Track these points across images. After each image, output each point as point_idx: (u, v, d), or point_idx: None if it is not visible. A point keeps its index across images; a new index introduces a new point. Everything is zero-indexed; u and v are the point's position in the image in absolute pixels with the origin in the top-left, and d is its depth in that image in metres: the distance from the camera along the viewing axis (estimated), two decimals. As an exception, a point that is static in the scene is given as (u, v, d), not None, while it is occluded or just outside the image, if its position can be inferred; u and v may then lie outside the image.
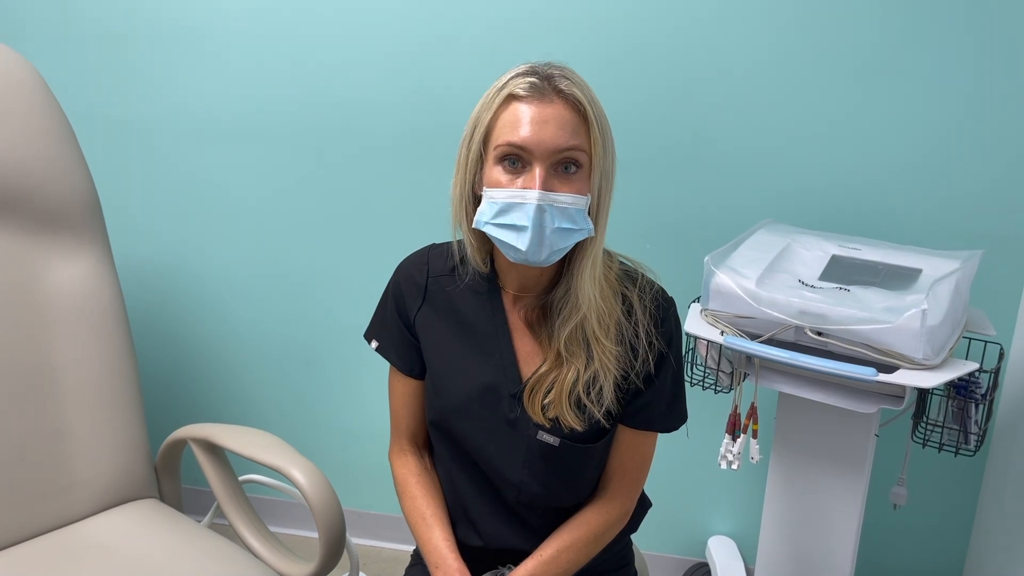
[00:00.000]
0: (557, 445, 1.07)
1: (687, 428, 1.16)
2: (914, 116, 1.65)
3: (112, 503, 1.47)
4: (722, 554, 1.91)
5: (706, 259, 1.42)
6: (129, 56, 1.92)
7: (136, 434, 1.50)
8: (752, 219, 1.69)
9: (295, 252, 2.00)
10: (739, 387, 1.46)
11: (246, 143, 1.93)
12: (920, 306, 1.23)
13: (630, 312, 1.06)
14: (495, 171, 0.98)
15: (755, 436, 1.44)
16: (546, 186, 0.95)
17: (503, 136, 0.96)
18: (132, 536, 1.40)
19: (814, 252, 1.48)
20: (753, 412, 1.44)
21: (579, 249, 1.02)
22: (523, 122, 0.95)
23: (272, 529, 1.48)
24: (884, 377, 1.24)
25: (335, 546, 1.28)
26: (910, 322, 1.23)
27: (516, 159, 0.96)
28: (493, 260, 1.10)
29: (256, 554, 1.39)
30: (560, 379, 1.04)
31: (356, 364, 2.02)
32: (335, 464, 2.04)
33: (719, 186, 1.76)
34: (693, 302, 1.53)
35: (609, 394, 1.05)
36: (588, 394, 1.04)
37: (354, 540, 2.14)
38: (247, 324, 2.07)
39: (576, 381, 1.04)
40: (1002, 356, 1.43)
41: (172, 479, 1.56)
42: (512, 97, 0.96)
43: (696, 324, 1.43)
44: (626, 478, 1.13)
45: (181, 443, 1.50)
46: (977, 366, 1.30)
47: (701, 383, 1.52)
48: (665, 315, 1.08)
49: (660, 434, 1.14)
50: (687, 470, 1.94)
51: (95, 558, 1.34)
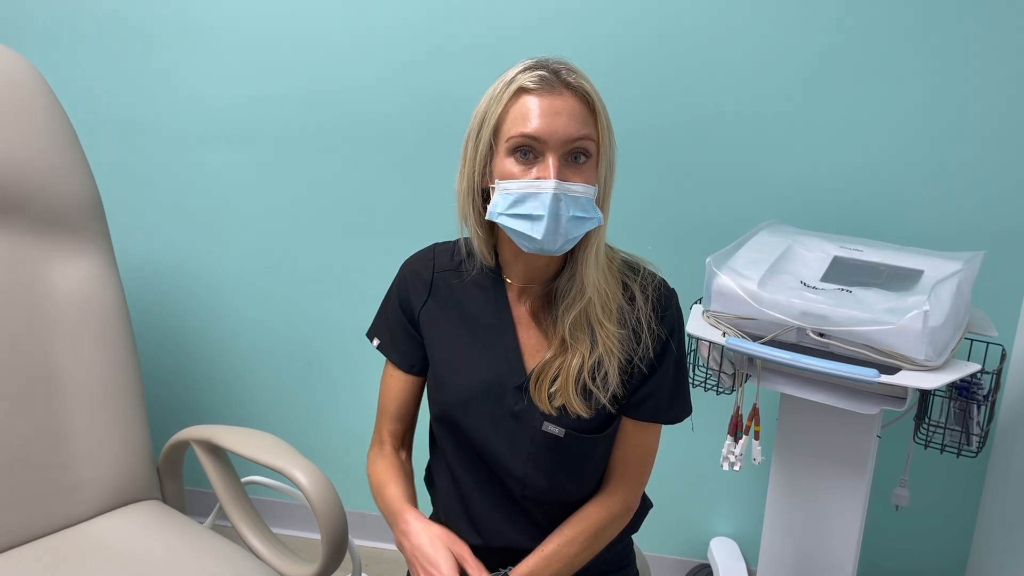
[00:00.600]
0: (562, 436, 1.08)
1: (692, 422, 1.16)
2: (916, 117, 1.65)
3: (115, 504, 1.47)
4: (724, 555, 1.91)
5: (708, 260, 1.43)
6: (131, 57, 1.92)
7: (139, 435, 1.50)
8: (754, 220, 1.69)
9: (297, 253, 2.00)
10: (741, 388, 1.46)
11: (248, 144, 1.93)
12: (922, 307, 1.23)
13: (632, 300, 1.08)
14: (507, 163, 0.99)
15: (757, 437, 1.45)
16: (560, 175, 0.97)
17: (515, 128, 0.98)
18: (135, 537, 1.40)
19: (816, 253, 1.48)
20: (755, 413, 1.44)
21: (584, 237, 1.03)
22: (535, 114, 0.97)
23: (274, 530, 1.48)
24: (886, 378, 1.24)
25: (337, 547, 1.28)
26: (912, 323, 1.23)
27: (529, 150, 0.98)
28: (498, 253, 1.11)
29: (258, 555, 1.39)
30: (566, 366, 1.05)
31: (358, 365, 2.02)
32: (337, 465, 2.05)
33: (721, 188, 1.76)
34: (695, 303, 1.53)
35: (614, 378, 1.06)
36: (594, 379, 1.05)
37: (356, 541, 2.14)
38: (249, 325, 2.07)
39: (581, 367, 1.05)
40: (1004, 357, 1.43)
41: (175, 480, 1.56)
42: (522, 90, 0.98)
43: (698, 325, 1.43)
44: (628, 472, 1.13)
45: (184, 444, 1.50)
46: (979, 367, 1.30)
47: (703, 384, 1.52)
48: (667, 304, 1.09)
49: (663, 430, 1.14)
50: (689, 471, 1.94)
51: (98, 559, 1.34)
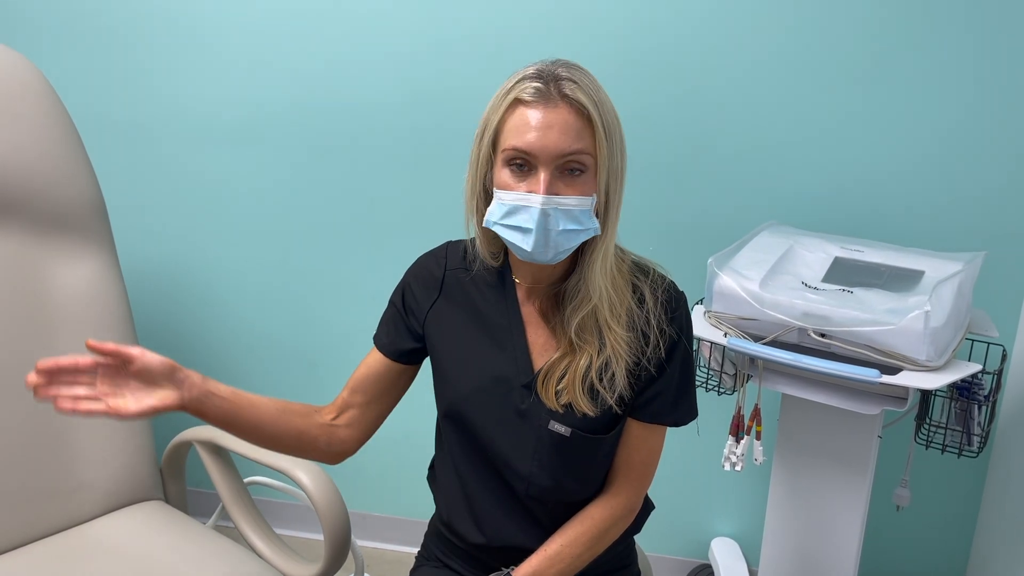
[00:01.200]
0: (568, 435, 1.08)
1: (697, 426, 1.16)
2: (916, 118, 1.65)
3: (117, 505, 1.47)
4: (725, 556, 1.92)
5: (710, 261, 1.43)
6: (134, 58, 1.93)
7: (141, 436, 1.51)
8: (755, 221, 1.70)
9: (300, 255, 2.00)
10: (742, 389, 1.46)
11: (251, 145, 1.94)
12: (923, 308, 1.23)
13: (642, 301, 1.08)
14: (503, 173, 1.00)
15: (758, 437, 1.45)
16: (551, 189, 0.97)
17: (509, 140, 0.98)
18: (138, 538, 1.41)
19: (817, 254, 1.48)
20: (756, 413, 1.44)
21: (590, 243, 1.04)
22: (528, 127, 0.97)
23: (277, 531, 1.48)
24: (887, 379, 1.25)
25: (340, 548, 1.29)
26: (913, 324, 1.23)
27: (522, 163, 0.98)
28: (507, 253, 1.11)
29: (261, 556, 1.40)
30: (573, 365, 1.06)
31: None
32: (340, 466, 2.04)
33: (722, 189, 1.76)
34: (697, 304, 1.53)
35: (622, 380, 1.06)
36: (601, 380, 1.06)
37: (359, 542, 2.13)
38: (252, 326, 2.08)
39: (589, 367, 1.05)
40: (1005, 358, 1.43)
41: (177, 481, 1.56)
42: (519, 101, 0.98)
43: (700, 326, 1.43)
44: (632, 473, 1.13)
45: (186, 445, 1.50)
46: (980, 368, 1.30)
47: (705, 384, 1.52)
48: (677, 306, 1.10)
49: (668, 433, 1.15)
50: (691, 472, 1.94)
51: (101, 560, 1.35)
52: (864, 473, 1.48)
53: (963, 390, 1.36)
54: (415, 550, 1.29)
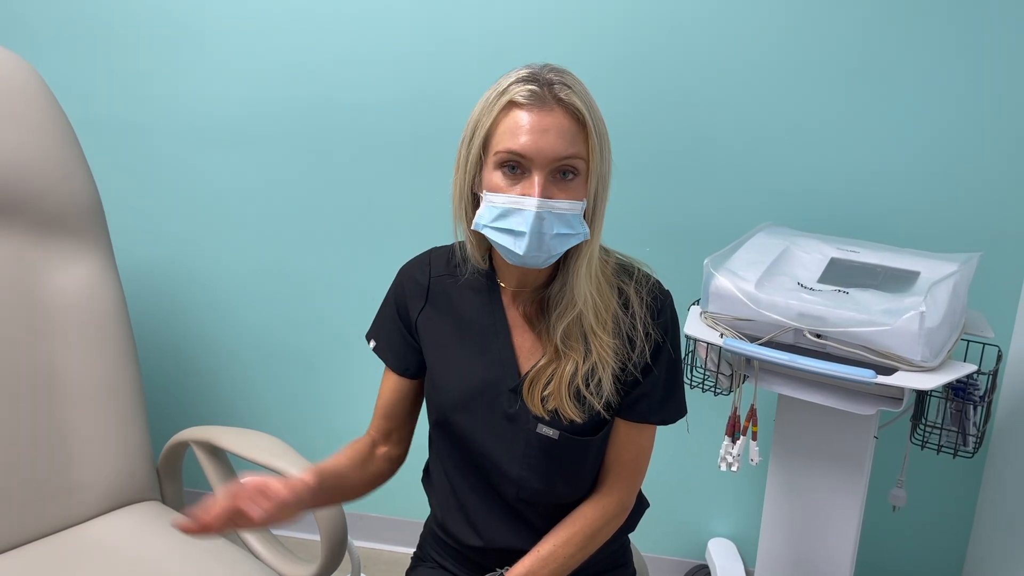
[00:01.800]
0: (556, 438, 1.08)
1: (687, 423, 1.16)
2: (911, 119, 1.66)
3: (114, 505, 1.47)
4: (722, 556, 1.92)
5: (706, 262, 1.43)
6: (132, 59, 1.93)
7: (138, 436, 1.51)
8: (752, 222, 1.70)
9: (297, 255, 2.00)
10: (739, 389, 1.47)
11: (248, 146, 1.94)
12: (918, 308, 1.23)
13: (627, 305, 1.08)
14: (495, 175, 0.99)
15: (755, 438, 1.45)
16: (545, 193, 0.97)
17: (503, 143, 0.97)
18: (134, 538, 1.41)
19: (813, 255, 1.48)
20: (753, 414, 1.44)
21: (575, 248, 1.03)
22: (523, 130, 0.96)
23: (273, 531, 1.48)
24: (883, 379, 1.25)
25: (336, 548, 1.29)
26: (908, 324, 1.24)
27: (516, 165, 0.98)
28: (492, 257, 1.11)
29: (258, 556, 1.40)
30: (559, 372, 1.06)
31: (357, 367, 2.03)
32: (336, 467, 2.05)
33: (719, 189, 1.77)
34: (693, 304, 1.53)
35: (608, 386, 1.06)
36: (587, 386, 1.06)
37: (355, 542, 2.14)
38: (249, 327, 2.08)
39: (575, 373, 1.05)
40: (1000, 358, 1.44)
41: (174, 481, 1.56)
42: (513, 104, 0.97)
43: (696, 326, 1.43)
44: (623, 472, 1.14)
45: (183, 445, 1.50)
46: (975, 368, 1.30)
47: (701, 385, 1.53)
48: (662, 306, 1.10)
49: (660, 432, 1.15)
50: (687, 472, 1.94)
51: (97, 560, 1.35)
52: (860, 473, 1.48)
53: (958, 390, 1.36)
54: (411, 550, 1.29)
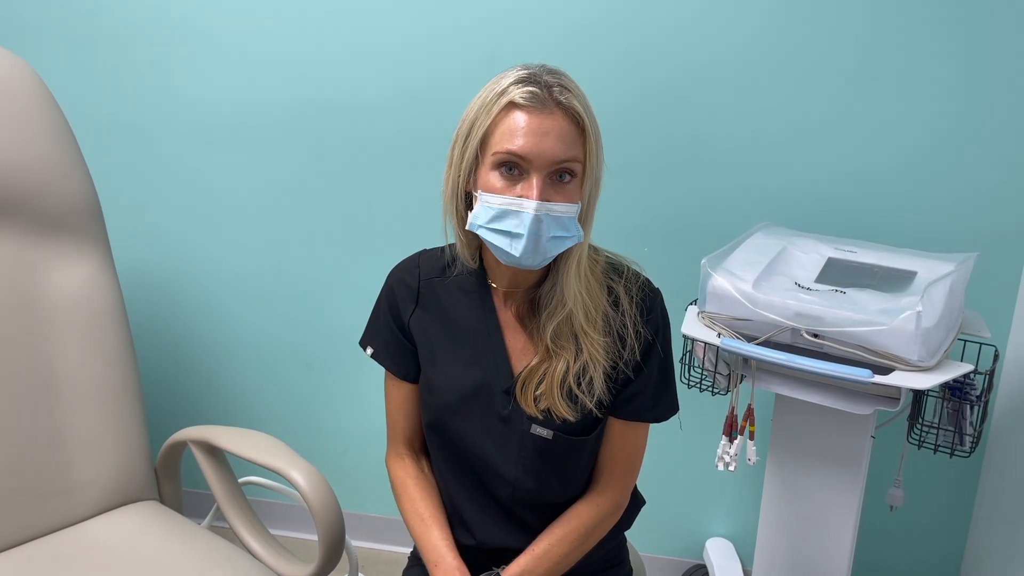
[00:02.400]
0: (550, 438, 1.08)
1: (680, 421, 1.17)
2: (909, 118, 1.66)
3: (112, 505, 1.47)
4: (720, 556, 1.92)
5: (703, 262, 1.43)
6: (130, 59, 1.93)
7: (136, 436, 1.51)
8: (749, 222, 1.70)
9: (296, 255, 2.00)
10: (736, 389, 1.47)
11: (247, 146, 1.94)
12: (915, 308, 1.23)
13: (617, 303, 1.08)
14: (491, 176, 0.99)
15: (752, 438, 1.45)
16: (543, 196, 0.97)
17: (502, 143, 0.97)
18: (132, 538, 1.41)
19: (810, 255, 1.49)
20: (750, 414, 1.44)
21: (566, 249, 1.03)
22: (523, 132, 0.96)
23: (272, 531, 1.48)
24: (879, 379, 1.25)
25: (334, 548, 1.29)
26: (905, 324, 1.24)
27: (514, 167, 0.98)
28: (482, 257, 1.11)
29: (256, 556, 1.40)
30: (551, 371, 1.06)
31: (356, 367, 2.03)
32: (335, 466, 2.05)
33: (716, 189, 1.77)
34: (690, 304, 1.54)
35: (600, 384, 1.06)
36: (579, 385, 1.06)
37: (353, 542, 2.14)
38: (247, 327, 2.08)
39: (567, 372, 1.06)
40: (997, 358, 1.44)
41: (172, 481, 1.56)
42: (513, 105, 0.97)
43: (693, 326, 1.44)
44: (617, 471, 1.14)
45: (181, 445, 1.50)
46: (972, 368, 1.31)
47: (699, 385, 1.53)
48: (652, 304, 1.10)
49: (657, 432, 1.15)
50: (684, 472, 1.94)
51: (96, 560, 1.35)
52: (857, 473, 1.48)
53: (955, 390, 1.36)
54: (409, 550, 1.29)
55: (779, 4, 1.66)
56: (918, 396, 1.41)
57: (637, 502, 1.22)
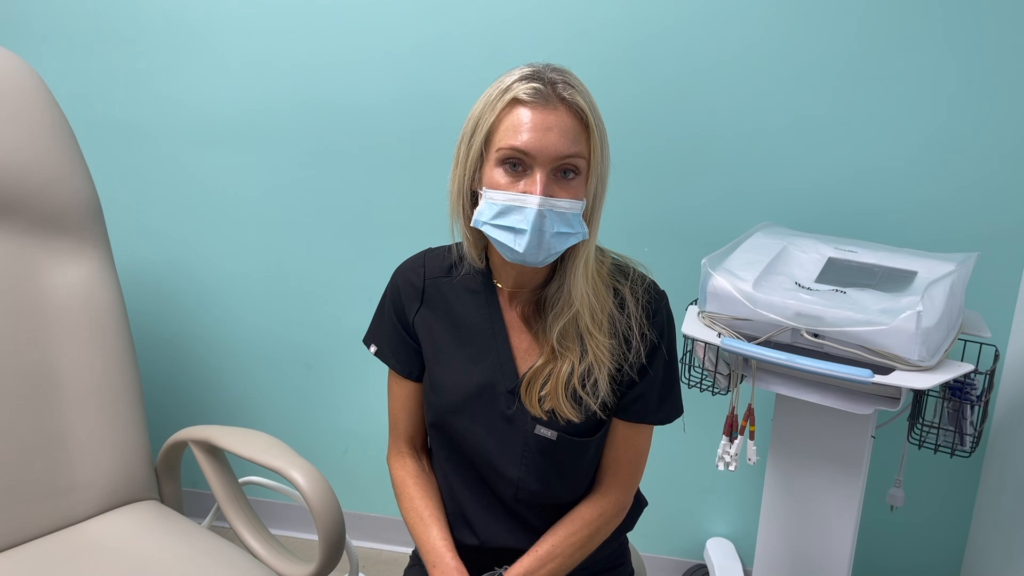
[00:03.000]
0: (554, 439, 1.08)
1: (684, 423, 1.16)
2: (909, 118, 1.66)
3: (113, 505, 1.47)
4: (720, 556, 1.92)
5: (703, 261, 1.43)
6: (130, 59, 1.93)
7: (137, 436, 1.51)
8: (749, 222, 1.70)
9: (296, 254, 2.00)
10: (736, 389, 1.47)
11: (247, 145, 1.94)
12: (915, 308, 1.23)
13: (623, 305, 1.08)
14: (496, 172, 0.99)
15: (752, 438, 1.45)
16: (547, 191, 0.97)
17: (506, 140, 0.97)
18: (133, 538, 1.41)
19: (810, 255, 1.49)
20: (750, 414, 1.44)
21: (572, 248, 1.03)
22: (527, 127, 0.96)
23: (272, 531, 1.48)
24: (880, 379, 1.25)
25: (335, 548, 1.29)
26: (905, 324, 1.24)
27: (518, 163, 0.98)
28: (488, 257, 1.11)
29: (256, 556, 1.40)
30: (556, 372, 1.06)
31: (356, 367, 2.03)
32: (335, 466, 2.05)
33: (717, 189, 1.77)
34: (691, 304, 1.54)
35: (604, 386, 1.06)
36: (584, 386, 1.06)
37: (354, 542, 2.14)
38: (248, 326, 2.08)
39: (571, 374, 1.05)
40: (997, 358, 1.44)
41: (172, 481, 1.56)
42: (516, 101, 0.98)
43: (694, 326, 1.44)
44: (621, 472, 1.14)
45: (181, 445, 1.50)
46: (972, 368, 1.31)
47: (699, 385, 1.53)
48: (657, 307, 1.10)
49: (658, 432, 1.15)
50: (685, 472, 1.95)
51: (96, 559, 1.35)
52: (858, 473, 1.48)
53: (955, 390, 1.36)
54: (410, 550, 1.30)
55: (779, 4, 1.66)
56: (918, 396, 1.41)
57: (639, 503, 1.22)
